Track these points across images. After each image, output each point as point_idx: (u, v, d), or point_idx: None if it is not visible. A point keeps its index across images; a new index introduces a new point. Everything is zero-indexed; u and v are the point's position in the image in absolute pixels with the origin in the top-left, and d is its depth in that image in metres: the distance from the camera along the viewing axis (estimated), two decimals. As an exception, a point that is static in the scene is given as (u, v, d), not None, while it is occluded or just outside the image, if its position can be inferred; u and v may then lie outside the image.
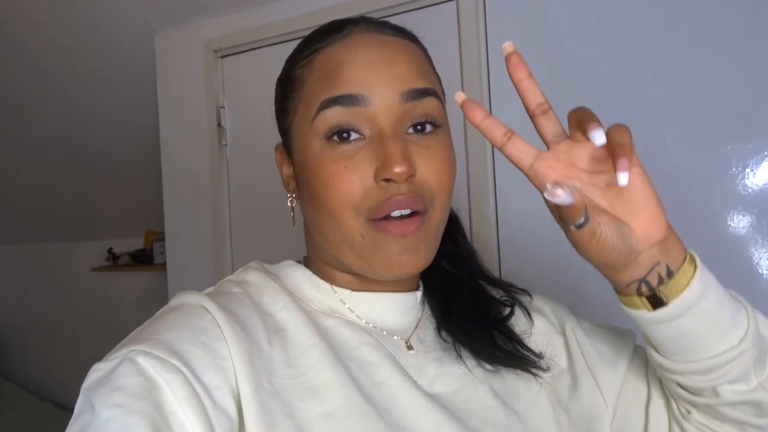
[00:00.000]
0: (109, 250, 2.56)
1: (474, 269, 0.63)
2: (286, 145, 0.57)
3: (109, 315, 2.54)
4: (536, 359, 0.58)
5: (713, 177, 1.11)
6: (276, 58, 1.76)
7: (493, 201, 1.30)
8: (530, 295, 0.65)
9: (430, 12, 1.36)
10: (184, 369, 0.42)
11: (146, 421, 0.38)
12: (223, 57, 1.68)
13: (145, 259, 2.47)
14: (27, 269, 2.87)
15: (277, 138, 0.60)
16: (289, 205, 0.59)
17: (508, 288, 0.64)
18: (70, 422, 0.40)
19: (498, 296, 0.63)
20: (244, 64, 1.65)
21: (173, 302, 0.51)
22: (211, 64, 1.68)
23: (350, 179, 0.49)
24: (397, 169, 0.47)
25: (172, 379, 0.41)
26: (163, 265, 1.93)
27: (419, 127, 0.51)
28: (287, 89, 0.55)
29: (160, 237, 2.28)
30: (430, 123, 0.51)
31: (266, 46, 1.59)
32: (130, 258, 2.50)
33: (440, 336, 0.59)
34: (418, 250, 0.50)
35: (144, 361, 0.41)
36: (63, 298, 2.75)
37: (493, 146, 0.52)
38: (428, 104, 0.51)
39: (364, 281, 0.55)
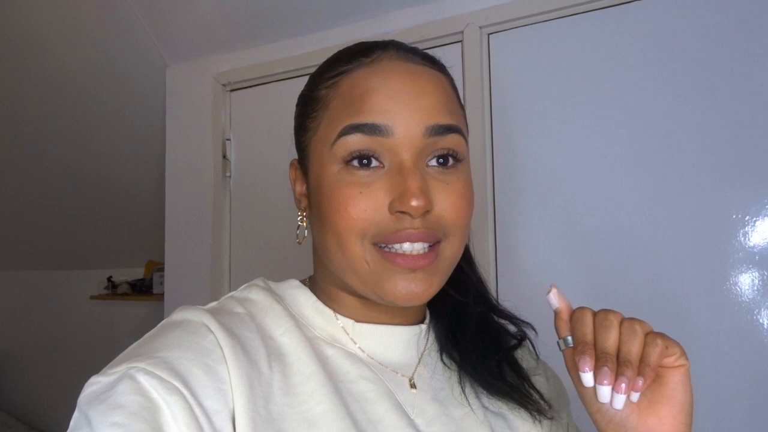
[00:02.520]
0: (109, 279, 2.56)
1: (482, 297, 0.62)
2: (302, 163, 0.57)
3: (105, 344, 2.52)
4: (540, 400, 0.56)
5: (713, 223, 1.11)
6: (283, 94, 1.80)
7: (493, 229, 1.30)
8: (535, 330, 0.64)
9: (434, 53, 1.39)
10: (185, 391, 0.41)
11: None
12: (231, 91, 1.72)
13: (144, 288, 2.46)
14: (25, 296, 2.85)
15: (280, 167, 0.60)
16: (299, 222, 0.58)
17: (515, 319, 0.62)
18: None
19: (506, 327, 0.62)
20: (251, 98, 1.69)
21: (175, 316, 0.49)
22: (220, 97, 1.71)
23: (364, 206, 0.48)
24: (414, 203, 0.46)
25: (173, 402, 0.40)
26: (162, 295, 1.92)
27: (441, 160, 0.50)
28: (309, 108, 0.54)
29: (160, 267, 2.28)
30: (452, 156, 0.51)
31: (274, 81, 1.63)
32: (129, 287, 2.49)
33: (443, 362, 0.57)
34: (429, 284, 0.49)
35: (145, 380, 0.40)
36: (60, 325, 2.73)
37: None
38: (453, 140, 0.51)
39: (370, 310, 0.54)
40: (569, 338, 0.49)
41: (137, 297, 2.44)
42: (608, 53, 1.22)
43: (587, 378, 0.45)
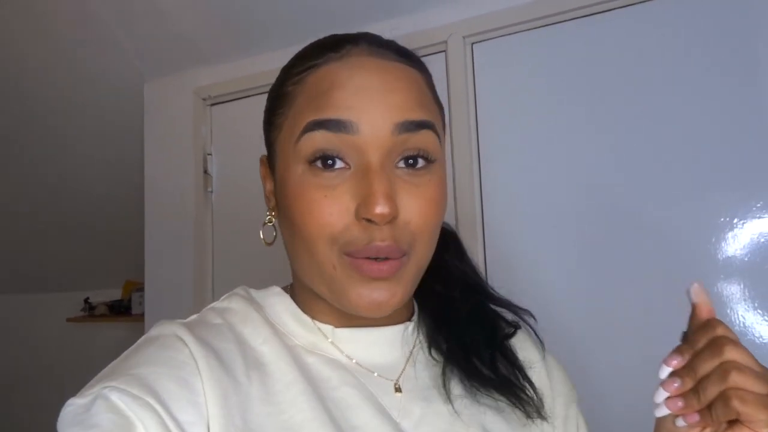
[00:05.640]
0: (86, 300, 2.49)
1: (475, 287, 0.60)
2: (271, 160, 0.55)
3: (83, 367, 2.43)
4: (533, 395, 0.54)
5: (702, 227, 1.11)
6: (264, 107, 1.77)
7: (482, 242, 1.29)
8: (534, 317, 0.62)
9: (418, 63, 1.38)
10: (157, 407, 0.40)
11: None
12: (212, 105, 1.69)
13: (122, 309, 2.40)
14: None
15: (263, 187, 0.58)
16: (267, 222, 0.56)
17: (512, 307, 0.61)
18: None
19: (503, 316, 0.60)
20: (232, 112, 1.66)
21: (153, 332, 0.49)
22: (200, 111, 1.68)
23: (329, 210, 0.46)
24: (379, 210, 0.44)
25: (146, 418, 0.40)
26: (142, 315, 1.87)
27: (410, 161, 0.48)
28: (276, 104, 0.53)
29: (140, 287, 2.22)
30: (423, 158, 0.48)
31: (256, 95, 1.60)
32: (107, 308, 2.43)
33: (433, 357, 0.56)
34: (393, 293, 0.47)
35: (118, 398, 0.40)
36: (36, 350, 2.64)
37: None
38: (423, 138, 0.48)
39: (348, 315, 0.52)
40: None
41: (116, 318, 2.37)
42: (591, 60, 1.22)
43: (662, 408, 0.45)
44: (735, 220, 1.09)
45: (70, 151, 1.98)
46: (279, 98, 0.53)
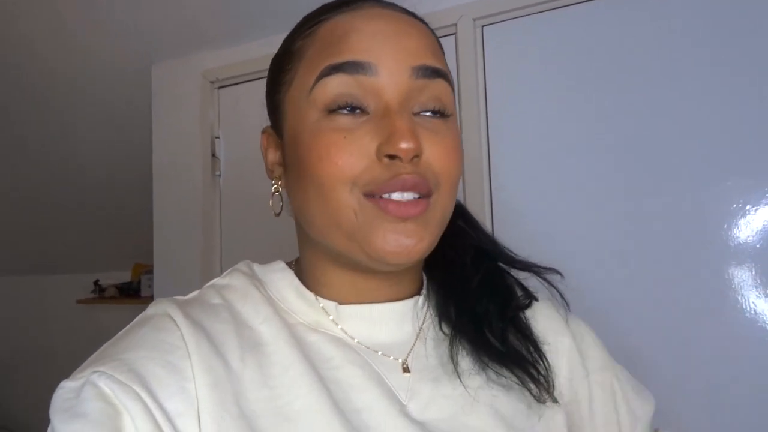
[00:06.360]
0: (95, 282, 2.51)
1: (489, 253, 0.58)
2: (276, 126, 0.52)
3: (92, 348, 2.46)
4: (545, 373, 0.51)
5: (714, 213, 1.10)
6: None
7: (489, 207, 1.28)
8: (560, 274, 0.58)
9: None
10: (144, 395, 0.40)
11: None
12: (219, 88, 1.68)
13: (132, 291, 2.42)
14: (9, 302, 2.79)
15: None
16: (274, 192, 0.54)
17: (535, 268, 0.57)
18: None
19: (522, 283, 0.57)
20: (240, 95, 1.65)
21: (149, 310, 0.48)
22: (208, 94, 1.67)
23: (349, 150, 0.43)
24: (404, 145, 0.42)
25: (132, 408, 0.39)
26: (151, 297, 1.88)
27: (428, 114, 0.46)
28: (283, 61, 0.50)
29: (149, 270, 2.24)
30: (440, 112, 0.47)
31: (263, 78, 1.58)
32: (116, 290, 2.45)
33: (443, 332, 0.53)
34: (421, 237, 0.44)
35: (106, 385, 0.39)
36: (46, 331, 2.67)
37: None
38: (439, 87, 0.47)
39: (357, 287, 0.50)
40: None
41: (125, 300, 2.39)
42: (603, 44, 1.20)
43: None
44: (747, 207, 1.08)
45: (79, 134, 1.98)
46: (286, 56, 0.51)
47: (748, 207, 1.08)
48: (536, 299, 0.57)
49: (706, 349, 1.07)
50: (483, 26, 1.32)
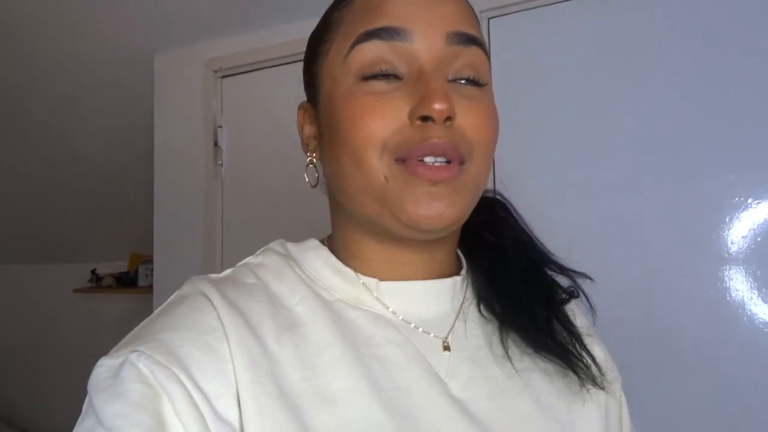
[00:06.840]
0: (93, 272, 2.50)
1: (528, 243, 0.58)
2: (312, 98, 0.52)
3: (89, 338, 2.46)
4: (591, 364, 0.51)
5: (716, 206, 1.09)
6: (276, 80, 1.75)
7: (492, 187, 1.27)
8: (591, 279, 0.58)
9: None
10: (183, 377, 0.39)
11: None
12: (222, 77, 1.67)
13: (128, 281, 2.41)
14: (6, 291, 2.77)
15: (273, 154, 0.56)
16: (309, 164, 0.53)
17: (568, 271, 0.58)
18: (78, 421, 0.39)
19: (557, 281, 0.57)
20: (243, 84, 1.64)
21: (185, 289, 0.47)
22: (210, 83, 1.66)
23: (382, 114, 0.43)
24: (437, 106, 0.41)
25: (172, 391, 0.38)
26: (148, 287, 1.87)
27: (462, 81, 0.46)
28: (321, 34, 0.51)
29: (146, 260, 2.23)
30: (474, 80, 0.46)
31: (267, 67, 1.58)
32: (113, 280, 2.44)
33: (483, 315, 0.53)
34: (453, 200, 0.44)
35: (145, 366, 0.39)
36: (43, 320, 2.66)
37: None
38: (474, 54, 0.46)
39: (395, 263, 0.50)
40: None
41: (122, 290, 2.38)
42: (610, 37, 1.20)
43: None
44: (749, 200, 1.08)
45: (78, 121, 1.97)
46: (324, 27, 0.50)
47: (750, 200, 1.08)
48: (576, 296, 0.57)
49: (710, 339, 1.08)
50: (489, 18, 1.32)
